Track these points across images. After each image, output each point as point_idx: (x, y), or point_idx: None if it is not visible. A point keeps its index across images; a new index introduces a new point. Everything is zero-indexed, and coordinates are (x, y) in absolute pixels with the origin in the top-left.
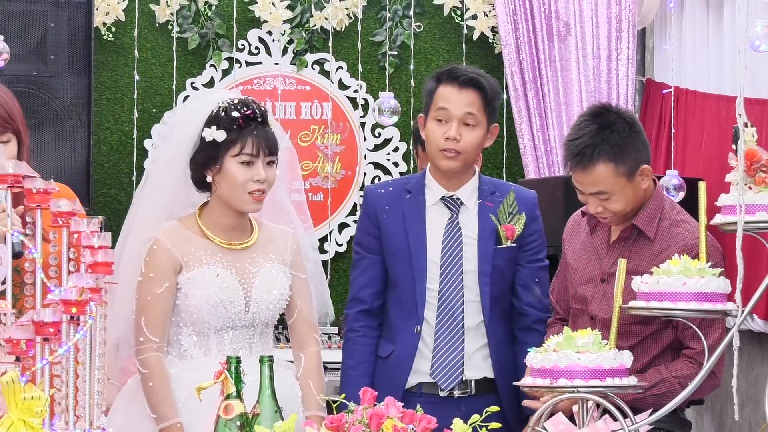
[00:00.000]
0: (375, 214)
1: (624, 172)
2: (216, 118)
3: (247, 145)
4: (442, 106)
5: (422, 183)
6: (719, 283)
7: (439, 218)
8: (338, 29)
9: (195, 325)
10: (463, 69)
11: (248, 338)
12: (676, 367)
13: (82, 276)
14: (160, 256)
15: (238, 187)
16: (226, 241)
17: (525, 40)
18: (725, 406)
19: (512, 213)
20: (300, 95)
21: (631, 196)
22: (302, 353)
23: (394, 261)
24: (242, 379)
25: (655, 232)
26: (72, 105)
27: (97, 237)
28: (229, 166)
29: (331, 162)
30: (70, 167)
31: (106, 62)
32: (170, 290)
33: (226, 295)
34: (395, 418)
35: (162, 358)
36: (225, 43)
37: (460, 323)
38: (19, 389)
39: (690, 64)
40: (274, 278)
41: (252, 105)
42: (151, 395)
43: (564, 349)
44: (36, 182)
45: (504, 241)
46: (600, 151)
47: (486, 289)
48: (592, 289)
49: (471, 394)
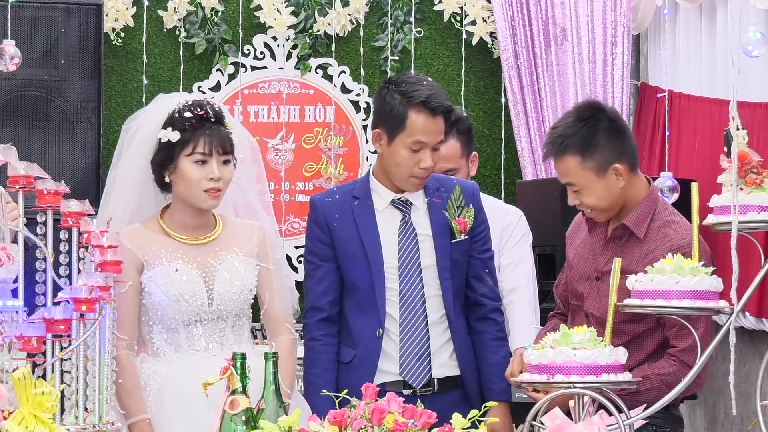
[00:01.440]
0: (325, 222)
1: (592, 167)
2: (171, 119)
3: (200, 144)
4: (418, 139)
5: (368, 187)
6: (711, 281)
7: (391, 221)
8: (341, 34)
9: (163, 322)
10: (436, 97)
11: (218, 332)
12: (659, 365)
13: (92, 275)
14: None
15: (193, 185)
16: (187, 238)
17: (523, 45)
18: (717, 401)
19: (461, 206)
20: (304, 99)
21: (604, 193)
22: (274, 341)
23: (350, 266)
24: (248, 375)
25: (645, 232)
26: (82, 108)
27: (105, 237)
28: (184, 165)
29: (334, 164)
30: (80, 169)
31: (115, 67)
32: (134, 289)
33: (186, 289)
34: (396, 413)
35: (131, 355)
36: (231, 48)
37: (423, 318)
38: (30, 385)
39: (683, 69)
40: (236, 270)
41: (205, 106)
42: (121, 391)
43: (561, 345)
44: (47, 183)
45: (458, 234)
46: (569, 142)
47: (447, 284)
48: (587, 287)
49: (434, 392)
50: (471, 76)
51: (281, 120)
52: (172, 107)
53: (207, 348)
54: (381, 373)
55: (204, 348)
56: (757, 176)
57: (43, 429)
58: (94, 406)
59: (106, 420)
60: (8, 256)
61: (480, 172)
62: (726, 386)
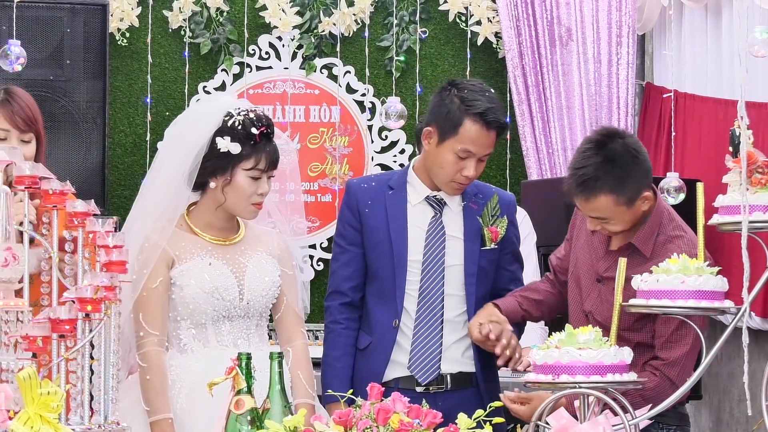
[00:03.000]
0: (357, 207)
1: (624, 201)
2: (232, 129)
3: (261, 162)
4: (467, 149)
5: (404, 180)
6: (717, 281)
7: (422, 216)
8: (346, 35)
9: (192, 317)
10: (494, 111)
11: (245, 329)
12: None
13: (97, 275)
14: (152, 252)
15: (244, 198)
16: (215, 237)
17: (528, 45)
18: (723, 401)
19: (495, 215)
20: (309, 99)
21: (629, 218)
22: (290, 346)
23: (374, 255)
24: (253, 375)
25: (651, 250)
26: (87, 108)
27: (111, 237)
28: (240, 178)
29: (339, 164)
30: (85, 169)
31: (120, 67)
32: (164, 285)
33: (220, 282)
34: (402, 413)
35: (162, 353)
36: (236, 48)
37: (439, 316)
38: (35, 385)
39: (689, 69)
40: (265, 266)
41: (265, 120)
42: (148, 388)
43: (566, 345)
44: (52, 183)
45: (489, 243)
46: (602, 184)
47: (472, 290)
48: (588, 284)
49: (447, 389)
50: (476, 76)
51: (286, 120)
52: (222, 112)
53: (236, 344)
54: (393, 364)
55: (233, 344)
56: (763, 176)
57: (49, 429)
58: (99, 406)
59: (111, 420)
60: (14, 255)
61: (485, 172)
62: (731, 386)
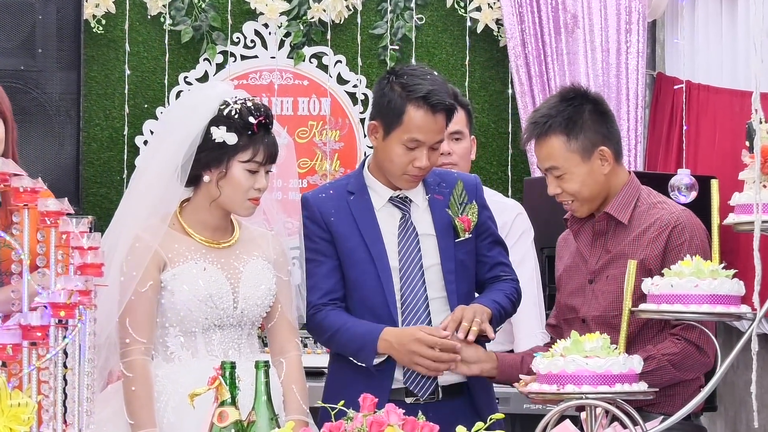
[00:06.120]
0: (322, 218)
1: (577, 148)
2: (227, 118)
3: (259, 154)
4: (415, 138)
5: (363, 182)
6: (733, 285)
7: (390, 220)
8: (337, 21)
9: (182, 325)
10: (438, 92)
11: (236, 338)
12: (664, 345)
13: (71, 278)
14: (143, 254)
15: (241, 193)
16: (208, 240)
17: (531, 32)
18: (739, 412)
19: (463, 203)
20: (297, 90)
21: (588, 179)
22: (283, 358)
23: (351, 263)
24: (237, 385)
25: (629, 217)
26: (61, 100)
27: (86, 237)
28: (236, 171)
29: (329, 159)
30: (58, 165)
31: (96, 56)
32: (154, 289)
33: (215, 290)
34: (396, 425)
35: (148, 362)
36: (219, 36)
37: (426, 323)
38: (5, 396)
39: (702, 58)
40: (261, 273)
41: (264, 110)
42: (133, 400)
43: (571, 353)
44: (23, 180)
45: (462, 233)
46: (553, 122)
47: (452, 287)
48: (581, 296)
49: (438, 399)
50: (476, 66)
51: (273, 113)
52: (219, 100)
53: (226, 354)
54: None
55: (223, 353)
56: None
57: None
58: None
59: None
60: None
61: (486, 168)
62: (748, 397)
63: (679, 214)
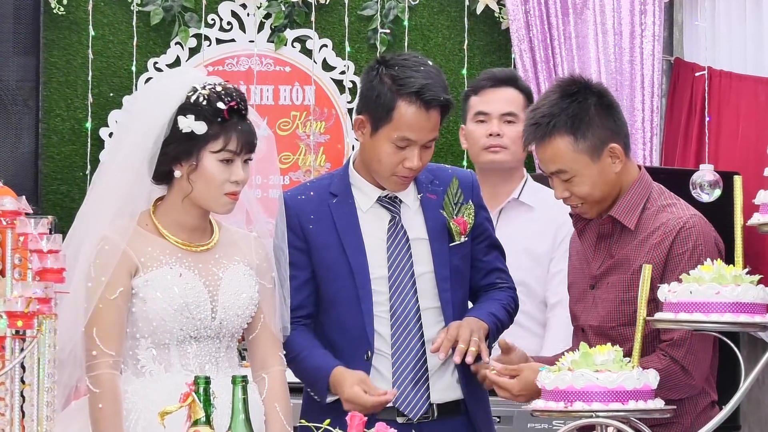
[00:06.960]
0: (300, 224)
1: (585, 148)
2: (195, 106)
3: (231, 142)
4: (405, 136)
5: (347, 182)
6: (758, 291)
7: (377, 223)
8: (322, 2)
9: (154, 336)
10: (432, 87)
11: (214, 352)
12: (649, 359)
13: (30, 285)
14: (111, 256)
15: (215, 187)
16: (185, 242)
17: (536, 14)
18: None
19: (459, 203)
20: (278, 77)
21: (598, 180)
22: (265, 373)
23: (329, 277)
24: (212, 403)
25: (636, 222)
26: (18, 89)
27: (46, 240)
28: (208, 163)
29: (314, 153)
30: (15, 160)
31: (56, 40)
32: (124, 296)
33: (191, 298)
34: None
35: (117, 377)
36: (193, 18)
37: (419, 337)
38: None
39: (725, 42)
40: (242, 280)
41: (235, 94)
42: (99, 419)
43: (580, 367)
44: None
45: (457, 237)
46: (557, 122)
47: (447, 296)
48: (582, 303)
49: (433, 419)
50: (475, 50)
51: (252, 102)
52: (187, 87)
53: (202, 368)
54: None
55: (199, 368)
56: None
57: None
58: None
59: None
60: None
61: None
62: None
63: (686, 220)
